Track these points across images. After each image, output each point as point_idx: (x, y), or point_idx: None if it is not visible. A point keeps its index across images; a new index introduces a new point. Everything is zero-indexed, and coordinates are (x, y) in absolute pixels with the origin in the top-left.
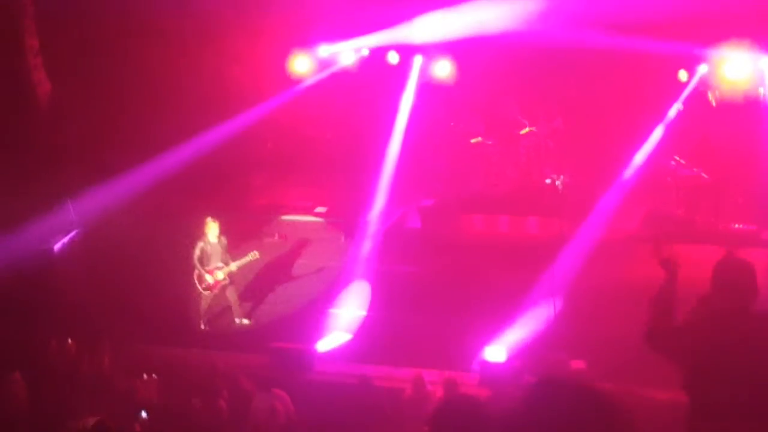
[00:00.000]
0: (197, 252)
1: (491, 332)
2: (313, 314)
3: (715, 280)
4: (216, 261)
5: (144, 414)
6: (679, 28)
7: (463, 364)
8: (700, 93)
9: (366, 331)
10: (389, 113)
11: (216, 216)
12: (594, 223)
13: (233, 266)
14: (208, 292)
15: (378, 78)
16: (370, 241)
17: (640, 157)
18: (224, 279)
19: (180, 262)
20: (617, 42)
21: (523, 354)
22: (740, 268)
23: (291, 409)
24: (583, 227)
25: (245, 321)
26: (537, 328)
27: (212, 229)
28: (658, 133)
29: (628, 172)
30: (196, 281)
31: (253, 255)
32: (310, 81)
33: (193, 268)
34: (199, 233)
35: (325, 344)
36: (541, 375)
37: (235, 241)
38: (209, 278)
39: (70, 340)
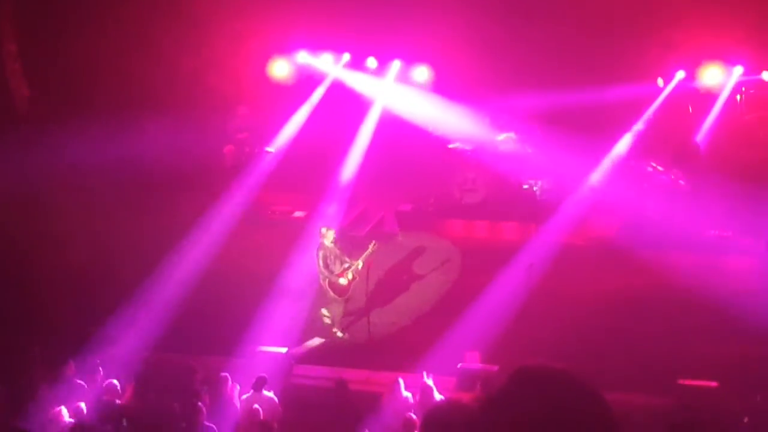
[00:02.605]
0: (320, 260)
1: (469, 337)
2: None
3: None
4: (340, 264)
5: (124, 422)
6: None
7: (441, 369)
8: (678, 101)
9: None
10: (368, 119)
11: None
12: (570, 230)
13: (359, 263)
14: (342, 297)
15: (358, 83)
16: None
17: (616, 162)
18: (354, 278)
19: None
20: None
21: (500, 359)
22: None
23: (278, 410)
24: (560, 234)
25: (339, 334)
26: (514, 332)
27: (329, 237)
28: (633, 138)
29: (596, 177)
30: (329, 289)
31: (373, 246)
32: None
33: (318, 275)
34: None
35: (305, 348)
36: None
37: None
38: (343, 281)
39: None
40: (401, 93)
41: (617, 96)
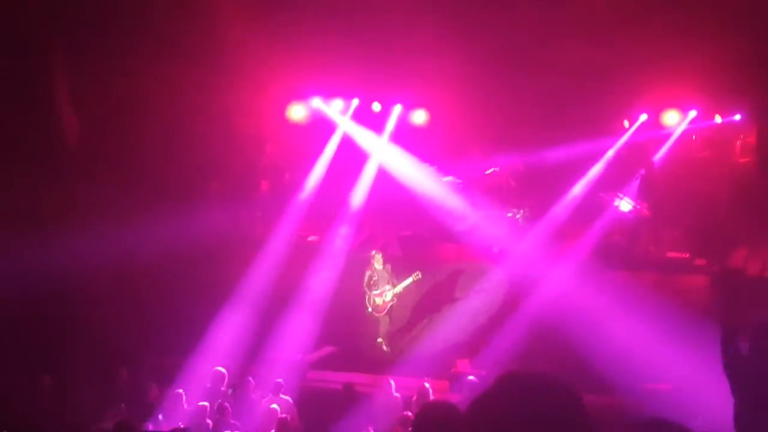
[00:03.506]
0: (365, 279)
1: (462, 345)
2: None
3: None
4: (384, 285)
5: (160, 417)
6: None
7: (436, 374)
8: (642, 140)
9: (353, 343)
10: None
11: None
12: (546, 252)
13: (398, 288)
14: (379, 314)
15: (364, 125)
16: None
17: (586, 192)
18: (392, 299)
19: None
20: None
21: (489, 365)
22: None
23: (293, 411)
24: (537, 256)
25: (385, 348)
26: (502, 341)
27: (378, 260)
28: (602, 171)
29: (562, 206)
30: (368, 305)
31: (416, 276)
32: None
33: (363, 293)
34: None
35: (317, 354)
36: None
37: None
38: (378, 300)
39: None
40: (395, 153)
41: (591, 135)
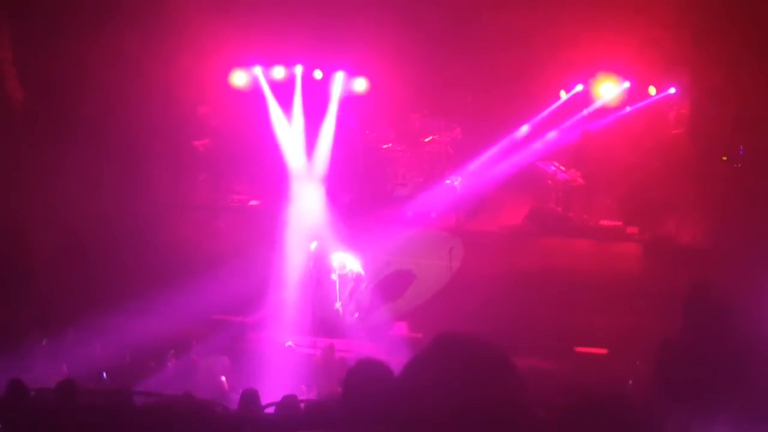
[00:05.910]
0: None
1: (398, 309)
2: None
3: None
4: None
5: (104, 375)
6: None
7: (374, 336)
8: (577, 110)
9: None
10: (315, 121)
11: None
12: (485, 219)
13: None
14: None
15: (307, 91)
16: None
17: (523, 161)
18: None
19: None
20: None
21: (424, 328)
22: None
23: (230, 369)
24: (476, 222)
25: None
26: (437, 306)
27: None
28: (538, 143)
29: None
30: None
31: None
32: None
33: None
34: None
35: (256, 317)
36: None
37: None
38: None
39: None
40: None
41: (526, 106)
